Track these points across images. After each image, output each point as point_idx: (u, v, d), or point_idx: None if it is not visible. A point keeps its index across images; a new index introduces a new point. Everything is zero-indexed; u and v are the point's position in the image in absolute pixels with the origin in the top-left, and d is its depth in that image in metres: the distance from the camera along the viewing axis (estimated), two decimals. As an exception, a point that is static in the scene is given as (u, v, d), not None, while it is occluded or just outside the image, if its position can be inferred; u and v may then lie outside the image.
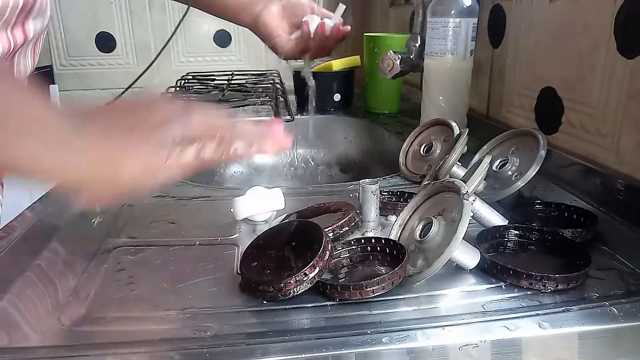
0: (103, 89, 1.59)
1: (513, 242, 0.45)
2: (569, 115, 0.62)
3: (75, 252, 0.46)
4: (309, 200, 0.56)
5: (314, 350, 0.32)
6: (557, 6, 0.63)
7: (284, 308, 0.36)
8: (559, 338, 0.34)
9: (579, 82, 0.60)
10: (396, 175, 0.67)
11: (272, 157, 1.03)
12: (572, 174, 0.58)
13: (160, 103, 0.36)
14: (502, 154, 0.55)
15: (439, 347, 0.33)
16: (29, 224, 0.51)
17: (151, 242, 0.48)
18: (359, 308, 0.36)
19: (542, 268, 0.40)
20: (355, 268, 0.42)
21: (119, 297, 0.38)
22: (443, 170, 0.53)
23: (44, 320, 0.36)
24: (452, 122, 0.64)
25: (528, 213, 0.50)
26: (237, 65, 1.55)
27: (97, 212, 0.53)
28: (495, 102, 0.81)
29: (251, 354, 0.31)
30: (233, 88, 1.09)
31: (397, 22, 1.31)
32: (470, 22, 0.73)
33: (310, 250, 0.38)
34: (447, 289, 0.39)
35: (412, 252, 0.41)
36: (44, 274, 0.43)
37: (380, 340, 0.32)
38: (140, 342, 0.33)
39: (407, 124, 0.95)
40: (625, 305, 0.35)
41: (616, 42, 0.53)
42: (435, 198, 0.44)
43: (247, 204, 0.50)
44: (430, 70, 0.79)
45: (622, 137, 0.54)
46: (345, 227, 0.45)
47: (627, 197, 0.50)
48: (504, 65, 0.77)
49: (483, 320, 0.34)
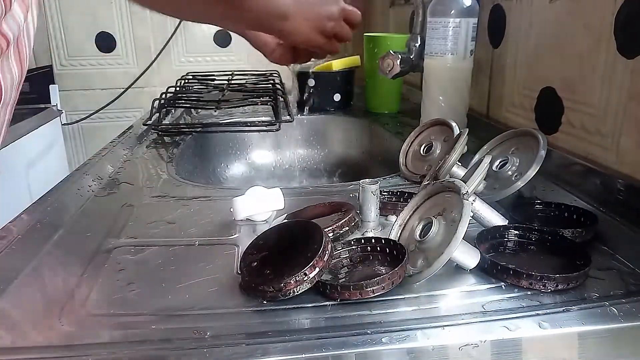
0: (103, 89, 1.59)
1: (513, 242, 0.45)
2: (569, 115, 0.62)
3: (75, 252, 0.46)
4: (309, 200, 0.56)
5: (314, 350, 0.32)
6: (557, 6, 0.63)
7: (284, 308, 0.36)
8: (559, 338, 0.34)
9: (579, 82, 0.60)
10: (396, 175, 0.67)
11: (272, 157, 1.03)
12: (572, 174, 0.58)
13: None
14: (502, 154, 0.55)
15: (439, 347, 0.33)
16: (28, 224, 0.51)
17: (151, 242, 0.48)
18: (359, 308, 0.36)
19: (542, 268, 0.40)
20: (355, 268, 0.42)
21: (119, 297, 0.38)
22: (443, 170, 0.53)
23: (44, 320, 0.36)
24: (452, 122, 0.64)
25: (528, 213, 0.50)
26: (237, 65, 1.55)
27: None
28: (495, 102, 0.81)
29: (251, 354, 0.31)
30: (233, 88, 1.09)
31: (397, 22, 1.31)
32: (470, 22, 0.73)
33: (310, 250, 0.38)
34: (447, 289, 0.39)
35: (412, 252, 0.41)
36: (44, 273, 0.43)
37: (380, 340, 0.32)
38: (140, 342, 0.33)
39: (407, 124, 0.95)
40: (625, 305, 0.35)
41: (616, 42, 0.53)
42: (435, 198, 0.44)
43: (247, 204, 0.50)
44: (430, 70, 0.79)
45: (622, 137, 0.54)
46: (345, 227, 0.45)
47: (627, 197, 0.50)
48: (504, 65, 0.77)
49: (483, 320, 0.34)
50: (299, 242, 0.40)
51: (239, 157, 1.00)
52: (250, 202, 0.50)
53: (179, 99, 1.02)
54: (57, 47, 1.55)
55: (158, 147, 0.82)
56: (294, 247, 0.40)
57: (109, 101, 1.58)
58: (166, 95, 1.00)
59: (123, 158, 0.75)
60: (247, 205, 0.50)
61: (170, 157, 0.77)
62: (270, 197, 0.51)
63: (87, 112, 1.59)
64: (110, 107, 1.58)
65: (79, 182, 0.64)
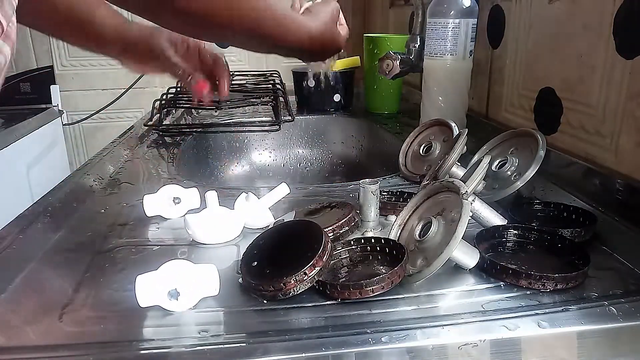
0: (104, 89, 1.59)
1: (512, 241, 0.45)
2: (568, 116, 0.62)
3: (76, 251, 0.46)
4: (309, 200, 0.57)
5: (314, 349, 0.32)
6: (557, 6, 0.64)
7: (284, 307, 0.37)
8: (558, 337, 0.34)
9: (578, 83, 0.60)
10: (396, 175, 0.67)
11: (272, 158, 1.03)
12: (571, 174, 0.58)
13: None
14: (501, 154, 0.56)
15: (439, 347, 0.33)
16: (29, 224, 0.51)
17: (152, 242, 0.48)
18: (359, 307, 0.36)
19: (541, 268, 0.40)
20: (355, 268, 0.42)
21: (120, 296, 0.38)
22: (442, 170, 0.53)
23: (44, 320, 0.36)
24: (451, 123, 0.64)
25: (527, 213, 0.50)
26: (237, 66, 1.55)
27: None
28: (494, 103, 0.81)
29: (251, 353, 0.32)
30: (233, 89, 1.09)
31: (397, 23, 1.31)
32: (469, 22, 0.73)
33: (310, 250, 0.38)
34: (446, 289, 0.39)
35: (412, 252, 0.41)
36: (45, 273, 0.43)
37: (380, 340, 0.32)
38: (140, 342, 0.33)
39: (406, 124, 0.95)
40: (624, 305, 0.36)
41: (615, 42, 0.53)
42: (434, 198, 0.44)
43: (156, 202, 0.53)
44: (429, 71, 0.79)
45: (621, 137, 0.54)
46: (345, 227, 0.45)
47: (626, 197, 0.50)
48: (503, 65, 0.77)
49: (482, 320, 0.35)
50: (299, 242, 0.40)
51: (240, 157, 1.00)
52: (160, 200, 0.52)
53: (180, 99, 1.02)
54: (58, 48, 1.55)
55: (159, 147, 0.83)
56: (294, 247, 0.40)
57: (110, 101, 1.58)
58: (167, 95, 1.00)
59: (124, 158, 0.76)
60: (157, 203, 0.52)
61: (171, 157, 0.77)
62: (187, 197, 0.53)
63: (88, 113, 1.60)
64: (111, 107, 1.59)
65: (79, 182, 0.64)
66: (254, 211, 0.49)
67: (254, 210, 0.49)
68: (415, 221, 0.44)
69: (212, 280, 0.37)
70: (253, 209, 0.49)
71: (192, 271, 0.37)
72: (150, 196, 0.52)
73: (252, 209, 0.49)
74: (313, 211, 0.51)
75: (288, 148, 1.04)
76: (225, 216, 0.47)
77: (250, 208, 0.49)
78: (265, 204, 0.50)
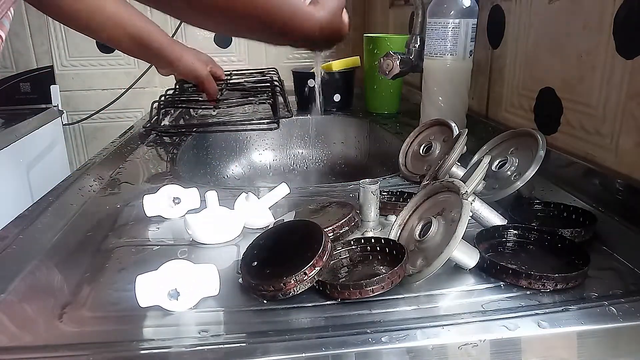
0: (104, 89, 1.59)
1: (512, 241, 0.45)
2: (568, 116, 0.62)
3: (76, 251, 0.46)
4: (309, 200, 0.57)
5: (314, 349, 0.32)
6: (557, 6, 0.64)
7: (284, 307, 0.37)
8: (558, 337, 0.34)
9: (578, 83, 0.60)
10: (396, 175, 0.67)
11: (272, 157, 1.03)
12: (571, 174, 0.58)
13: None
14: (501, 154, 0.56)
15: (439, 347, 0.33)
16: (29, 224, 0.51)
17: (152, 242, 0.48)
18: (359, 307, 0.36)
19: (541, 268, 0.40)
20: (355, 268, 0.42)
21: (120, 296, 0.38)
22: (442, 170, 0.53)
23: (44, 320, 0.36)
24: (451, 123, 0.64)
25: (527, 213, 0.50)
26: (237, 65, 1.55)
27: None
28: (494, 103, 0.81)
29: (251, 353, 0.32)
30: (231, 87, 1.09)
31: (397, 23, 1.31)
32: (469, 22, 0.73)
33: (310, 250, 0.38)
34: (446, 289, 0.39)
35: (412, 252, 0.41)
36: (45, 273, 0.43)
37: (380, 340, 0.32)
38: (140, 342, 0.33)
39: (406, 124, 0.95)
40: (624, 305, 0.36)
41: (615, 42, 0.53)
42: (434, 198, 0.44)
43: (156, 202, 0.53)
44: (429, 71, 0.79)
45: (621, 137, 0.54)
46: (345, 227, 0.45)
47: (626, 197, 0.50)
48: (503, 65, 0.77)
49: (482, 320, 0.35)
50: (299, 242, 0.40)
51: (240, 157, 1.00)
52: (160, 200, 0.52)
53: (178, 99, 1.02)
54: (58, 48, 1.55)
55: (158, 147, 0.83)
56: (294, 247, 0.40)
57: (110, 101, 1.58)
58: (165, 97, 1.00)
59: (124, 158, 0.76)
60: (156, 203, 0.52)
61: (171, 157, 0.77)
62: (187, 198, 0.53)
63: (88, 113, 1.60)
64: (111, 107, 1.59)
65: (80, 182, 0.64)
66: (254, 211, 0.49)
67: (254, 210, 0.49)
68: (415, 221, 0.44)
69: (212, 280, 0.37)
70: (253, 209, 0.49)
71: (192, 271, 0.37)
72: (150, 196, 0.52)
73: (252, 209, 0.49)
74: (313, 211, 0.51)
75: (288, 148, 1.04)
76: (225, 216, 0.47)
77: (250, 208, 0.49)
78: (265, 204, 0.50)
